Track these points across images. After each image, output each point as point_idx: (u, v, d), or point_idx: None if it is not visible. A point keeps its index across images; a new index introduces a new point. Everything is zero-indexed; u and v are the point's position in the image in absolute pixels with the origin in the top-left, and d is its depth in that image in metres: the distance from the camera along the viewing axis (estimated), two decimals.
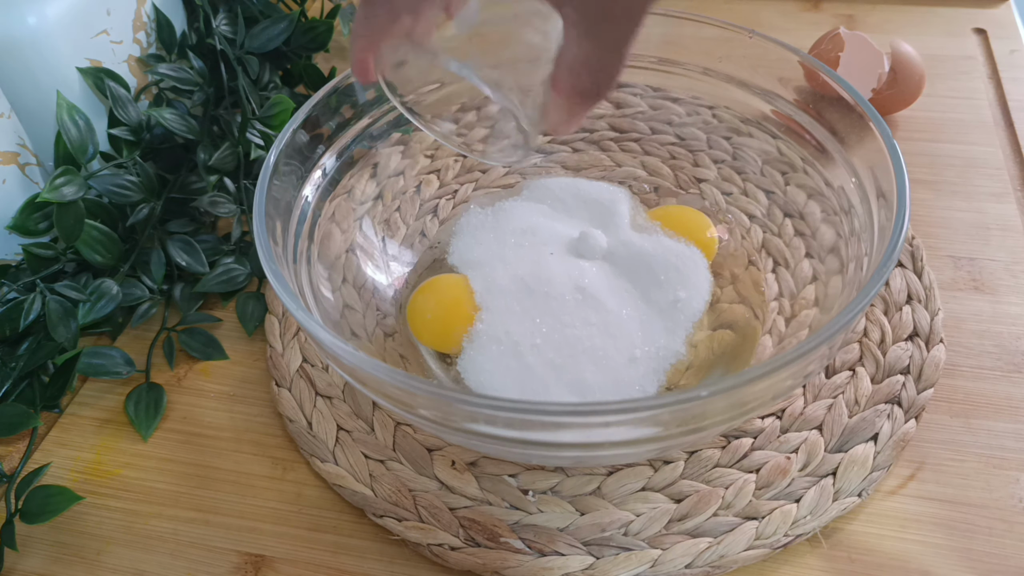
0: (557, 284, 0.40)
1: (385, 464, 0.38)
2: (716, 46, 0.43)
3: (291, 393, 0.41)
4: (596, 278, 0.41)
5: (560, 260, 0.41)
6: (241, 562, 0.36)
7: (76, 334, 0.42)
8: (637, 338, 0.38)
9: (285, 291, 0.31)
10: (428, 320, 0.40)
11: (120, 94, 0.47)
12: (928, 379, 0.39)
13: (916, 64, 0.52)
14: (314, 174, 0.40)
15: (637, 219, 0.45)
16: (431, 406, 0.29)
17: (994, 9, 0.64)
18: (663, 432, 0.29)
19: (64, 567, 0.36)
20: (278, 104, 0.50)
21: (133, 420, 0.41)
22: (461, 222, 0.46)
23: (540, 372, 0.37)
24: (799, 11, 0.66)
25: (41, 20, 0.44)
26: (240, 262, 0.47)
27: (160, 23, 0.52)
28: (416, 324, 0.41)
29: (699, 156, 0.48)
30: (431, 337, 0.40)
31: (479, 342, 0.39)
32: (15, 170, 0.44)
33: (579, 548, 0.34)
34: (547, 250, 0.42)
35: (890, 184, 0.33)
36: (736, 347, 0.40)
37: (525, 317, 0.39)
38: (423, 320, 0.41)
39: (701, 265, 0.42)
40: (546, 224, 0.44)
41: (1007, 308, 0.43)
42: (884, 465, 0.36)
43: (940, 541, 0.34)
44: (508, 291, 0.40)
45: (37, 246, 0.43)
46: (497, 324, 0.39)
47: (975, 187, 0.49)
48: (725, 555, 0.34)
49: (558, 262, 0.41)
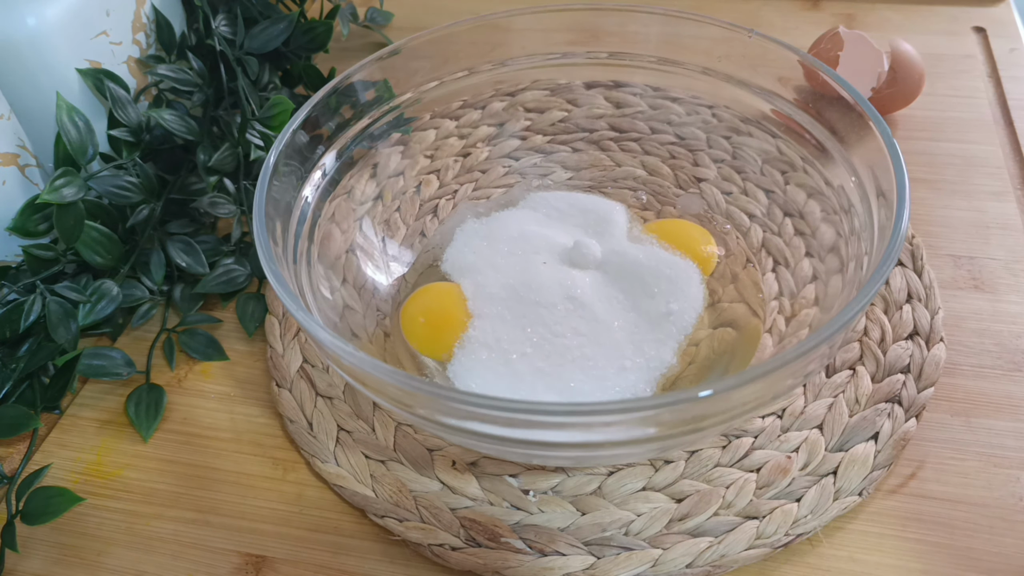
0: (549, 293, 0.40)
1: (386, 464, 0.38)
2: (716, 45, 0.43)
3: (291, 394, 0.41)
4: (588, 288, 0.41)
5: (553, 269, 0.41)
6: (242, 563, 0.36)
7: (76, 335, 0.42)
8: (627, 348, 0.38)
9: (285, 292, 0.31)
10: (420, 326, 0.41)
11: (120, 95, 0.47)
12: (928, 378, 0.39)
13: (916, 63, 0.52)
14: (314, 174, 0.40)
15: (633, 231, 0.45)
16: (431, 406, 0.29)
17: (993, 8, 0.64)
18: (663, 432, 0.29)
19: (65, 568, 0.36)
20: (278, 105, 0.50)
21: (133, 421, 0.41)
22: (455, 229, 0.46)
23: (529, 380, 0.37)
24: (798, 10, 0.66)
25: (40, 21, 0.44)
26: (240, 263, 0.47)
27: (159, 24, 0.52)
28: (409, 330, 0.41)
29: (699, 155, 0.48)
30: (423, 343, 0.40)
31: (470, 349, 0.39)
32: (15, 171, 0.44)
33: (580, 548, 0.34)
34: (540, 259, 0.42)
35: (890, 183, 0.33)
36: (736, 346, 0.40)
37: (516, 325, 0.39)
38: (416, 326, 0.41)
39: (695, 278, 0.41)
40: (540, 232, 0.44)
41: (1007, 307, 0.43)
42: (885, 464, 0.36)
43: (941, 540, 0.34)
44: (499, 299, 0.40)
45: (37, 247, 0.43)
46: (488, 331, 0.39)
47: (975, 186, 0.49)
48: (726, 555, 0.34)
49: (551, 271, 0.41)
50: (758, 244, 0.44)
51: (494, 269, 0.42)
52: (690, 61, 0.44)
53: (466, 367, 0.39)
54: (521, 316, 0.40)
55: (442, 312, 0.41)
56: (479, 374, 0.38)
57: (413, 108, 0.46)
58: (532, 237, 0.43)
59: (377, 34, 0.66)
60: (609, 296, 0.41)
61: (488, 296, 0.41)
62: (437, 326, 0.40)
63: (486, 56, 0.46)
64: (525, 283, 0.41)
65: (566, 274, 0.41)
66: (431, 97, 0.46)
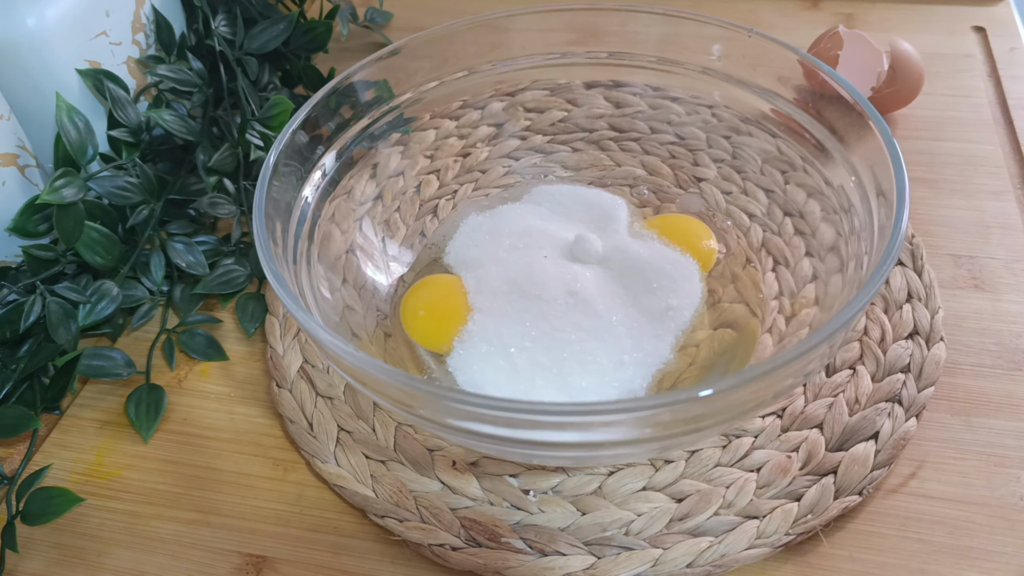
0: (549, 287, 0.40)
1: (386, 465, 0.38)
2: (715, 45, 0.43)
3: (292, 394, 0.41)
4: (588, 282, 0.41)
5: (554, 263, 0.41)
6: (242, 563, 0.36)
7: (76, 336, 0.42)
8: (627, 343, 0.38)
9: (285, 292, 0.31)
10: (420, 318, 0.41)
11: (119, 96, 0.47)
12: (928, 377, 0.39)
13: (915, 62, 0.52)
14: (314, 175, 0.40)
15: (635, 226, 0.45)
16: (431, 406, 0.29)
17: (993, 7, 0.64)
18: (664, 432, 0.29)
19: (65, 569, 0.36)
20: (277, 105, 0.50)
21: (134, 421, 0.41)
22: (458, 223, 0.46)
23: (528, 373, 0.37)
24: (798, 10, 0.66)
25: (40, 22, 0.44)
26: (240, 263, 0.47)
27: (159, 24, 0.52)
28: (409, 323, 0.41)
29: (699, 155, 0.48)
30: (423, 336, 0.41)
31: (470, 342, 0.39)
32: (15, 172, 0.44)
33: (580, 548, 0.34)
34: (542, 253, 0.42)
35: (890, 182, 0.33)
36: (736, 346, 0.40)
37: (516, 319, 0.39)
38: (416, 318, 0.41)
39: (695, 275, 0.41)
40: (543, 227, 0.44)
41: (1007, 306, 0.43)
42: (885, 463, 0.36)
43: (941, 539, 0.34)
44: (500, 293, 0.40)
45: (37, 248, 0.43)
46: (488, 325, 0.39)
47: (975, 185, 0.49)
48: (726, 554, 0.34)
49: (552, 265, 0.41)
50: (758, 244, 0.44)
51: (496, 263, 0.42)
52: (690, 61, 0.44)
53: (466, 361, 0.39)
54: (522, 310, 0.40)
55: (442, 305, 0.41)
56: (478, 368, 0.38)
57: (413, 108, 0.46)
58: (535, 231, 0.43)
59: (377, 34, 0.66)
60: (610, 291, 0.41)
61: (489, 290, 0.41)
62: (437, 319, 0.40)
63: (486, 56, 0.46)
64: (526, 277, 0.41)
65: (567, 269, 0.41)
66: (431, 97, 0.46)
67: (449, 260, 0.44)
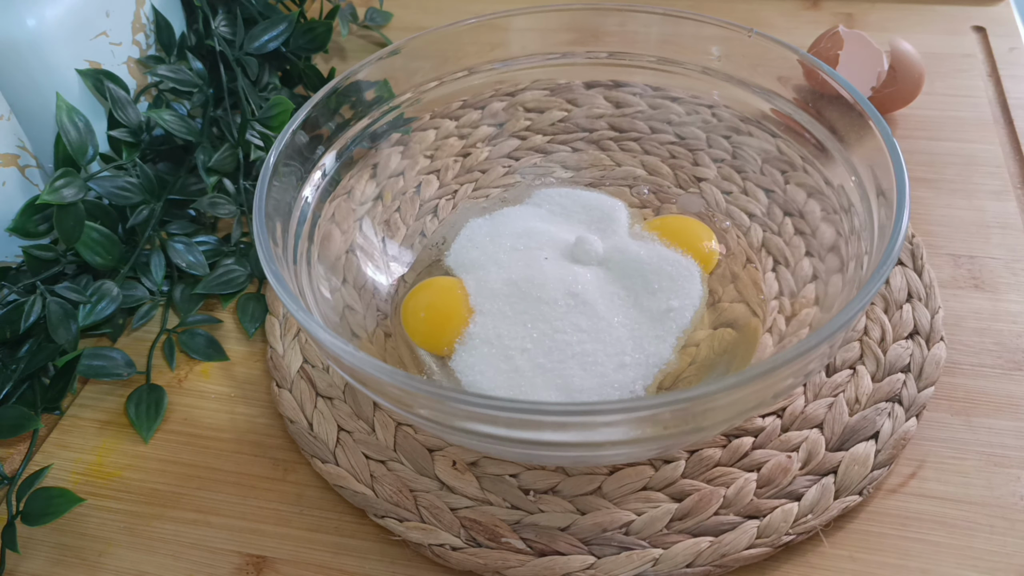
0: (550, 289, 0.40)
1: (386, 465, 0.38)
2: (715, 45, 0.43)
3: (292, 394, 0.41)
4: (589, 284, 0.41)
5: (554, 265, 0.41)
6: (243, 563, 0.36)
7: (76, 336, 0.42)
8: (627, 344, 0.38)
9: (285, 292, 0.31)
10: (421, 321, 0.41)
11: (119, 96, 0.47)
12: (929, 377, 0.39)
13: (915, 62, 0.52)
14: (314, 175, 0.40)
15: (635, 227, 0.45)
16: (431, 406, 0.29)
17: (993, 7, 0.64)
18: (664, 431, 0.29)
19: (65, 569, 0.36)
20: (277, 105, 0.50)
21: (134, 422, 0.41)
22: (459, 226, 0.46)
23: (529, 375, 0.37)
24: (798, 10, 0.66)
25: (40, 22, 0.44)
26: (240, 263, 0.47)
27: (159, 25, 0.52)
28: (410, 325, 0.41)
29: (699, 155, 0.48)
30: (424, 338, 0.40)
31: (471, 344, 0.39)
32: (15, 172, 0.44)
33: (580, 548, 0.34)
34: (542, 255, 0.42)
35: (890, 182, 0.33)
36: (737, 346, 0.40)
37: (517, 321, 0.39)
38: (416, 320, 0.41)
39: (696, 276, 0.41)
40: (543, 228, 0.44)
41: (1007, 306, 0.43)
42: (885, 463, 0.36)
43: (941, 539, 0.34)
44: (501, 294, 0.40)
45: (37, 248, 0.43)
46: (489, 327, 0.39)
47: (975, 185, 0.49)
48: (726, 554, 0.34)
49: (552, 267, 0.41)
50: (758, 243, 0.44)
51: (497, 265, 0.42)
52: (690, 61, 0.44)
53: (467, 362, 0.39)
54: (522, 312, 0.40)
55: (443, 307, 0.41)
56: (479, 370, 0.38)
57: (413, 108, 0.46)
58: (535, 233, 0.44)
59: (377, 34, 0.66)
60: (610, 292, 0.41)
61: (490, 292, 0.41)
62: (438, 321, 0.40)
63: (486, 56, 0.46)
64: (527, 279, 0.41)
65: (568, 270, 0.41)
66: (431, 97, 0.46)
67: (450, 262, 0.44)
